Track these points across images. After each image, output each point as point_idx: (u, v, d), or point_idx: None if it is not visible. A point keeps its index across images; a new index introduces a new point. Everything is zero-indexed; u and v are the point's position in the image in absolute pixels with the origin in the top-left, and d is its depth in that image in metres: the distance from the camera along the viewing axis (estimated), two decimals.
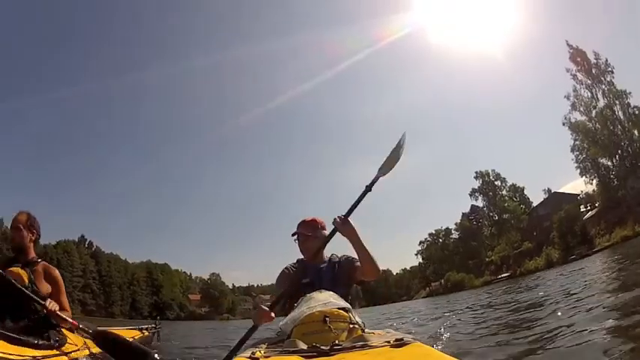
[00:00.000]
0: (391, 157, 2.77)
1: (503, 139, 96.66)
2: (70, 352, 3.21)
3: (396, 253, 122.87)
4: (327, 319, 1.65)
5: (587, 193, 42.34)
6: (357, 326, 1.72)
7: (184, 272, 79.92)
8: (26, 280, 3.23)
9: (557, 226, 40.57)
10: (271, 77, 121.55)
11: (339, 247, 2.86)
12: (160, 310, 64.86)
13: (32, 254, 3.49)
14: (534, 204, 55.63)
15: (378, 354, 1.40)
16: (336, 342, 1.51)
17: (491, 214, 59.03)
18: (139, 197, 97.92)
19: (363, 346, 1.46)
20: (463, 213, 64.56)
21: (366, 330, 1.85)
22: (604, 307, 4.66)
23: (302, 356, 1.41)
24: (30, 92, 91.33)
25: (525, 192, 58.67)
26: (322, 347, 1.44)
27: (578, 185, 44.05)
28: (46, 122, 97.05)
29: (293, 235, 2.90)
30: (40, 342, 3.00)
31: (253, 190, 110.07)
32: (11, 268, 3.25)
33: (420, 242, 68.88)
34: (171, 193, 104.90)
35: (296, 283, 2.56)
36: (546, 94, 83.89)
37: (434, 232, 68.14)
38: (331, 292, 1.92)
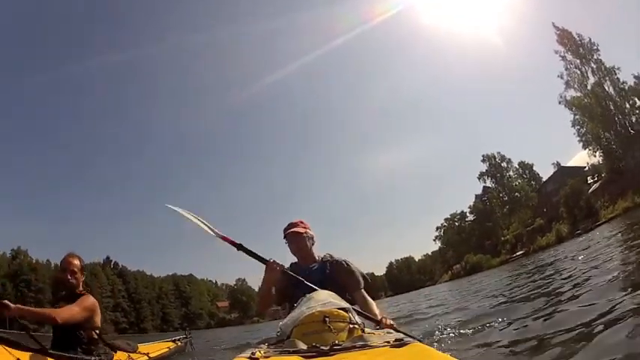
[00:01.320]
0: None
1: (509, 117, 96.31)
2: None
3: (417, 239, 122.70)
4: (327, 319, 1.61)
5: (593, 165, 42.32)
6: (356, 326, 1.68)
7: (210, 281, 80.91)
8: None
9: (564, 201, 40.61)
10: (262, 60, 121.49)
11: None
12: (190, 320, 65.77)
13: (80, 289, 3.75)
14: (545, 179, 55.58)
15: (378, 354, 1.36)
16: (336, 342, 1.47)
17: (501, 194, 59.50)
18: (153, 211, 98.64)
19: (362, 346, 1.42)
20: (476, 195, 64.46)
21: (366, 330, 1.80)
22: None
23: (302, 356, 1.37)
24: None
25: (535, 168, 59.38)
26: (322, 347, 1.40)
27: (587, 156, 43.86)
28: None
29: (285, 237, 2.88)
30: (93, 357, 3.50)
31: (265, 191, 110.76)
32: (58, 303, 3.62)
33: (437, 228, 69.38)
34: (182, 203, 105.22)
35: (288, 284, 2.57)
36: (548, 67, 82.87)
37: (449, 216, 68.43)
38: (331, 292, 1.89)
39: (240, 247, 2.78)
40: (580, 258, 10.38)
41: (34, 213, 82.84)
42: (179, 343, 6.37)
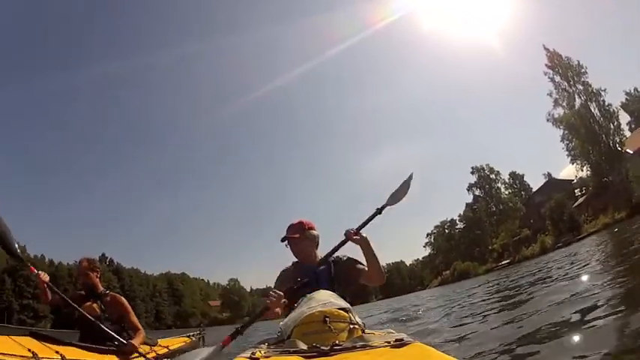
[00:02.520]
0: (399, 191, 2.94)
1: (504, 125, 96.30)
2: (140, 356, 3.87)
3: (408, 244, 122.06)
4: (327, 319, 1.60)
5: (581, 178, 42.89)
6: (357, 326, 1.66)
7: (202, 279, 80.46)
8: (98, 311, 3.84)
9: (549, 214, 41.20)
10: (265, 65, 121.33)
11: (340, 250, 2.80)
12: (182, 318, 65.34)
13: (100, 288, 4.03)
14: (535, 189, 56.18)
15: (378, 354, 1.34)
16: (336, 342, 1.45)
17: (489, 205, 59.97)
18: (148, 211, 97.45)
19: (363, 347, 1.40)
20: (467, 204, 64.55)
21: (366, 330, 1.79)
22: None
23: (302, 356, 1.35)
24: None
25: (527, 178, 60.20)
26: (322, 347, 1.38)
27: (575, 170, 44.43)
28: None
29: (282, 240, 2.83)
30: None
31: (260, 192, 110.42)
32: (86, 304, 3.82)
33: (427, 234, 69.70)
34: (180, 203, 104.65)
35: (295, 284, 2.52)
36: (544, 77, 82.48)
37: (439, 223, 68.73)
38: (331, 292, 1.87)
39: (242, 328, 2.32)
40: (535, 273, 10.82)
41: (30, 210, 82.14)
42: (193, 339, 6.66)
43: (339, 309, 1.67)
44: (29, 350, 2.95)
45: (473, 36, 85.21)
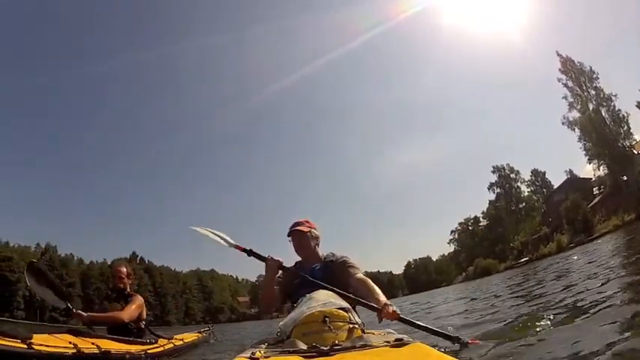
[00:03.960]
0: None
1: (529, 120, 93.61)
2: (161, 346, 4.70)
3: (436, 239, 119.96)
4: (327, 319, 1.58)
5: (599, 177, 42.79)
6: (356, 326, 1.64)
7: (231, 276, 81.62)
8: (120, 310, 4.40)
9: (565, 213, 41.01)
10: (284, 59, 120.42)
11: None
12: (212, 314, 66.44)
13: (128, 290, 4.65)
14: (556, 186, 55.30)
15: (377, 354, 1.31)
16: (336, 342, 1.44)
17: (510, 203, 60.25)
18: (178, 209, 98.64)
19: (362, 346, 1.38)
20: (490, 201, 64.00)
21: (366, 330, 1.77)
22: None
23: (302, 356, 1.33)
24: None
25: (549, 175, 59.65)
26: (322, 347, 1.36)
27: (592, 170, 44.27)
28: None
29: (289, 235, 2.84)
30: (145, 340, 4.49)
31: (288, 191, 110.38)
32: (112, 304, 4.49)
33: (452, 231, 69.54)
34: (209, 202, 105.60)
35: (290, 283, 2.54)
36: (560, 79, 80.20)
37: (463, 220, 68.31)
38: (331, 293, 1.85)
39: (250, 252, 2.91)
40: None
41: (60, 211, 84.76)
42: (204, 334, 7.27)
43: (338, 309, 1.65)
44: (70, 343, 3.43)
45: (496, 30, 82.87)
